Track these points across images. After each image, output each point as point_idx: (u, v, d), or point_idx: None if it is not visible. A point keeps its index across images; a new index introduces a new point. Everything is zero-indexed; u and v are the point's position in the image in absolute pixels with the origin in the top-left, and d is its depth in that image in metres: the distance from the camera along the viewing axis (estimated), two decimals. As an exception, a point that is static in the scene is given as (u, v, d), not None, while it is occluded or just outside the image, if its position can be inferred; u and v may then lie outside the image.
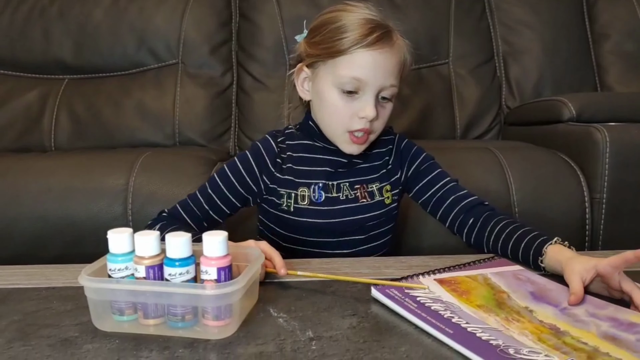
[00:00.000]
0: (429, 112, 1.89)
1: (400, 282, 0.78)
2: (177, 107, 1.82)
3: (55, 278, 0.86)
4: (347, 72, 0.92)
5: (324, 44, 0.95)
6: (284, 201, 0.99)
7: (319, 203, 0.99)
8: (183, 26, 1.88)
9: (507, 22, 2.01)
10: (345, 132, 0.96)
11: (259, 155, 1.01)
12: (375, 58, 0.92)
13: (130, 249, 0.69)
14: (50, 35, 1.87)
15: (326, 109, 0.97)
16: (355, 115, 0.94)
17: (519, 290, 0.78)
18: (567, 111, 1.48)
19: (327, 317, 0.70)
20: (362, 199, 1.01)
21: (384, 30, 0.93)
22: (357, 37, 0.91)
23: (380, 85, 0.93)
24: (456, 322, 0.66)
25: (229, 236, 0.69)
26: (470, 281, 0.81)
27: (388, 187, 1.04)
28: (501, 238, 0.92)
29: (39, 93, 1.85)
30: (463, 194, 1.01)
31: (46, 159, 1.44)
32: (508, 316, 0.70)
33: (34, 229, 1.26)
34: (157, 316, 0.67)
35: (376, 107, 0.94)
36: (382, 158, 1.05)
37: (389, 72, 0.94)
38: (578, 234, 1.32)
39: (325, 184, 1.00)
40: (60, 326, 0.68)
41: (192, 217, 0.98)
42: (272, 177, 1.00)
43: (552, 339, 0.64)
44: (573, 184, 1.34)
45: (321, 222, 0.99)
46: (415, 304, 0.71)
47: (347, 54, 0.92)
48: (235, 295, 0.64)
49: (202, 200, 1.00)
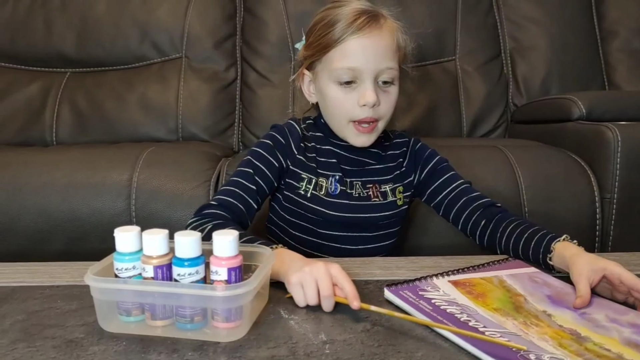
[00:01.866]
0: (435, 109, 1.87)
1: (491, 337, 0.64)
2: (180, 101, 1.79)
3: (60, 276, 0.84)
4: (340, 64, 0.93)
5: (316, 41, 0.96)
6: (303, 185, 0.99)
7: (334, 195, 0.99)
8: (187, 20, 1.86)
9: (514, 19, 1.99)
10: (350, 123, 0.96)
11: (284, 136, 1.01)
12: (364, 43, 0.92)
13: (138, 248, 0.67)
14: (53, 27, 1.85)
15: (329, 105, 0.98)
16: (357, 104, 0.94)
17: (536, 293, 0.76)
18: (576, 109, 1.46)
19: (340, 320, 0.68)
20: (374, 198, 1.01)
21: (370, 15, 0.93)
22: (344, 26, 0.92)
23: (375, 69, 0.93)
24: (473, 326, 0.64)
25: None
26: (486, 283, 0.79)
27: (401, 188, 1.03)
28: (512, 238, 0.91)
29: (40, 86, 1.83)
30: (475, 195, 1.00)
31: (49, 153, 1.42)
32: (526, 320, 0.68)
33: (37, 223, 1.24)
34: (165, 317, 0.65)
35: (376, 92, 0.93)
36: (396, 160, 1.05)
37: (381, 55, 0.93)
38: (588, 234, 1.30)
39: (342, 178, 1.00)
40: (65, 326, 0.67)
41: (245, 204, 0.95)
42: (295, 160, 1.00)
43: (573, 345, 0.62)
44: (583, 184, 1.32)
45: (332, 214, 0.98)
46: (430, 306, 0.70)
47: (337, 46, 0.93)
48: (246, 296, 0.62)
49: (249, 184, 0.96)
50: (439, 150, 1.03)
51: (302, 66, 1.01)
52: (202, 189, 1.28)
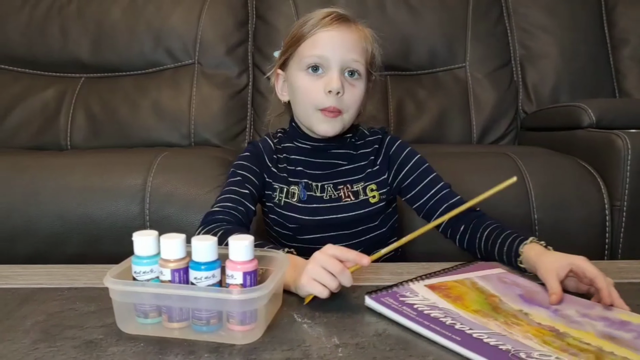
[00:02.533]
0: (445, 116, 1.88)
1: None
2: (192, 107, 1.82)
3: (77, 278, 0.86)
4: (310, 52, 0.99)
5: (289, 40, 1.03)
6: (277, 195, 1.03)
7: (304, 201, 1.02)
8: (200, 26, 1.89)
9: (524, 26, 2.00)
10: (317, 111, 0.99)
11: (258, 150, 1.06)
12: (332, 35, 0.98)
13: (156, 252, 0.68)
14: (68, 33, 1.88)
15: (298, 94, 1.02)
16: (323, 92, 0.97)
17: (508, 293, 0.78)
18: (586, 117, 1.47)
19: (352, 324, 0.69)
20: (345, 199, 1.03)
21: (341, 15, 1.00)
22: (315, 22, 0.99)
23: (341, 59, 0.97)
24: (459, 329, 0.65)
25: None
26: (460, 286, 0.80)
27: (373, 186, 1.04)
28: (489, 243, 0.93)
29: (55, 91, 1.86)
30: (455, 201, 1.01)
31: (64, 157, 1.45)
32: (507, 320, 0.69)
33: (53, 226, 1.26)
34: (181, 320, 0.67)
35: (342, 81, 0.97)
36: (368, 158, 1.06)
37: (348, 48, 0.98)
38: (598, 242, 1.30)
39: (308, 184, 1.03)
40: (84, 328, 0.68)
41: (244, 207, 0.98)
42: (269, 172, 1.05)
43: (556, 341, 0.64)
44: (593, 191, 1.33)
45: (305, 219, 1.01)
46: (413, 311, 0.70)
47: (308, 39, 0.99)
48: (261, 300, 0.64)
49: (242, 190, 1.00)
50: (449, 157, 1.04)
51: (276, 65, 1.07)
52: (214, 193, 1.30)
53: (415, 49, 1.93)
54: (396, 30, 1.92)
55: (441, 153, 1.49)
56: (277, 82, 1.08)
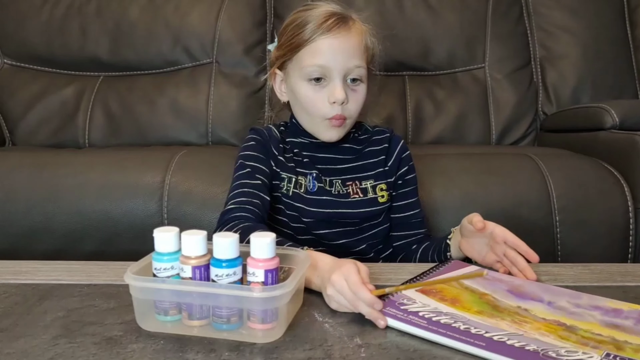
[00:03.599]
0: (464, 116, 1.86)
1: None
2: (210, 106, 1.82)
3: (96, 275, 0.86)
4: (310, 61, 0.97)
5: (287, 42, 1.00)
6: (285, 185, 1.02)
7: (312, 192, 1.01)
8: (218, 25, 1.89)
9: (545, 27, 1.97)
10: (324, 120, 0.99)
11: (264, 137, 1.06)
12: (332, 43, 0.96)
13: (177, 249, 0.68)
14: (87, 32, 1.89)
15: (301, 103, 1.01)
16: (327, 102, 0.97)
17: (497, 290, 0.78)
18: (609, 118, 1.44)
19: (373, 324, 0.68)
20: (354, 195, 1.03)
21: (339, 16, 0.98)
22: (314, 27, 0.97)
23: (343, 67, 0.97)
24: (476, 333, 0.64)
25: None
26: (449, 288, 0.78)
27: (383, 185, 1.05)
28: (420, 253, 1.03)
29: (74, 90, 1.87)
30: (421, 233, 1.08)
31: (83, 155, 1.45)
32: (513, 318, 0.68)
33: (71, 224, 1.26)
34: (202, 317, 0.66)
35: (345, 90, 0.97)
36: (377, 156, 1.07)
37: (349, 54, 0.97)
38: (621, 244, 1.28)
39: (319, 175, 1.03)
40: (104, 324, 0.68)
41: (260, 199, 0.97)
42: (276, 161, 1.03)
43: (571, 335, 0.64)
44: (616, 193, 1.30)
45: (312, 211, 1.01)
46: (422, 320, 0.67)
47: (307, 45, 0.97)
48: (283, 298, 0.63)
49: (254, 181, 0.99)
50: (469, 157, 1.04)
51: (274, 66, 1.06)
52: (232, 192, 1.30)
53: (434, 49, 1.91)
54: (415, 30, 1.90)
55: (461, 154, 1.48)
56: (274, 81, 1.08)
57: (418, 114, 1.86)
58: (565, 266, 0.95)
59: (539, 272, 0.86)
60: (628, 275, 0.88)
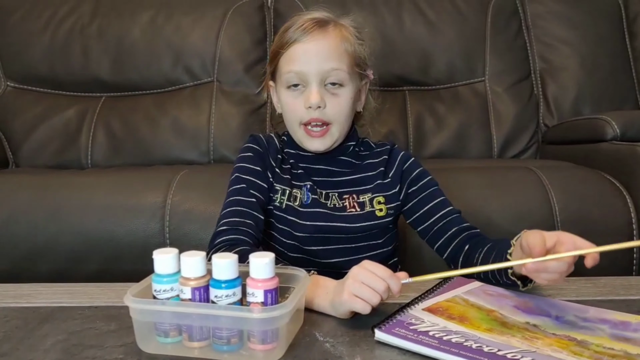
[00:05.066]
0: (465, 130, 1.87)
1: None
2: (212, 124, 1.83)
3: (98, 297, 0.86)
4: (287, 68, 0.96)
5: (272, 51, 1.01)
6: (278, 197, 0.99)
7: (306, 204, 0.98)
8: (218, 44, 1.90)
9: (544, 39, 1.98)
10: (300, 126, 0.98)
11: (261, 145, 1.03)
12: (306, 47, 0.95)
13: (176, 270, 0.68)
14: (89, 53, 1.91)
15: (284, 111, 1.01)
16: (304, 107, 0.96)
17: (504, 306, 0.77)
18: (610, 130, 1.44)
19: (376, 343, 0.68)
20: (350, 209, 0.99)
21: (317, 21, 0.96)
22: (291, 33, 0.96)
23: (319, 71, 0.95)
24: (489, 352, 0.63)
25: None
26: (455, 305, 0.77)
27: (381, 198, 1.00)
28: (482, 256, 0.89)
29: (77, 111, 1.88)
30: (465, 226, 0.97)
31: (85, 175, 1.46)
32: (524, 335, 0.68)
33: (74, 244, 1.27)
34: (202, 339, 0.66)
35: (321, 94, 0.95)
36: (376, 168, 1.02)
37: (325, 57, 0.95)
38: (625, 256, 1.27)
39: (313, 187, 1.00)
40: (104, 347, 0.68)
41: (252, 218, 0.94)
42: (273, 172, 1.01)
43: (584, 351, 0.63)
44: (619, 205, 1.30)
45: (306, 224, 0.97)
46: (433, 340, 0.66)
47: (285, 52, 0.97)
48: (282, 319, 0.63)
49: (248, 198, 0.96)
50: (470, 171, 1.02)
51: (266, 78, 1.05)
52: (234, 210, 1.30)
53: (434, 64, 1.92)
54: (414, 45, 1.92)
55: (462, 168, 1.48)
56: (272, 93, 1.06)
57: (419, 128, 1.87)
58: (568, 280, 0.94)
59: (540, 286, 0.85)
60: (632, 289, 0.88)
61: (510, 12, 1.99)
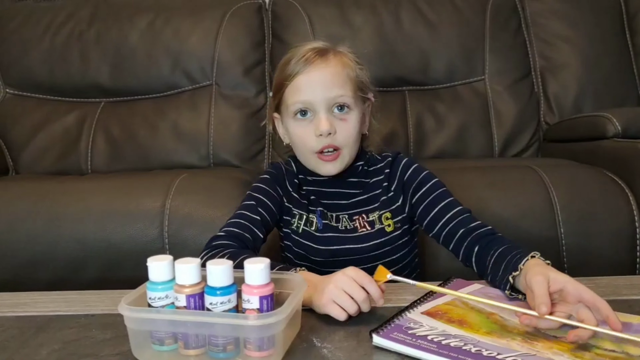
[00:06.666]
0: (465, 129, 1.85)
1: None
2: (211, 128, 1.82)
3: (95, 305, 0.85)
4: (293, 99, 0.97)
5: (275, 83, 1.02)
6: (296, 222, 1.01)
7: (320, 230, 1.00)
8: (217, 48, 1.90)
9: (544, 37, 1.97)
10: (314, 154, 0.98)
11: (280, 172, 1.05)
12: (310, 76, 0.96)
13: (171, 277, 0.67)
14: (88, 59, 1.90)
15: (294, 142, 1.02)
16: (314, 136, 0.96)
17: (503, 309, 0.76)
18: (611, 127, 1.43)
19: (372, 348, 0.67)
20: (361, 229, 1.00)
21: (317, 50, 0.98)
22: (294, 64, 0.97)
23: (325, 99, 0.95)
24: (489, 355, 0.62)
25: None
26: (455, 308, 0.76)
27: (388, 214, 1.01)
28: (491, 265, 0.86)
29: (76, 117, 1.88)
30: (475, 225, 0.94)
31: (84, 181, 1.46)
32: (524, 338, 0.67)
33: (73, 251, 1.26)
34: (198, 346, 0.65)
35: (331, 121, 0.96)
36: (381, 185, 1.03)
37: (329, 85, 0.96)
38: (628, 255, 1.26)
39: (324, 212, 1.01)
40: (100, 356, 0.67)
41: (251, 233, 0.96)
42: (290, 196, 1.03)
43: (585, 353, 0.63)
44: (621, 203, 1.28)
45: (321, 249, 0.99)
46: (432, 344, 0.65)
47: (289, 83, 0.97)
48: (278, 325, 0.62)
49: (253, 215, 0.98)
50: (471, 171, 1.01)
51: (271, 109, 1.06)
52: (233, 214, 1.29)
53: (433, 64, 1.91)
54: (414, 45, 1.90)
55: (464, 168, 1.47)
56: (277, 125, 1.07)
57: (419, 128, 1.86)
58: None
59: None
60: (634, 289, 0.86)
61: (509, 10, 1.98)
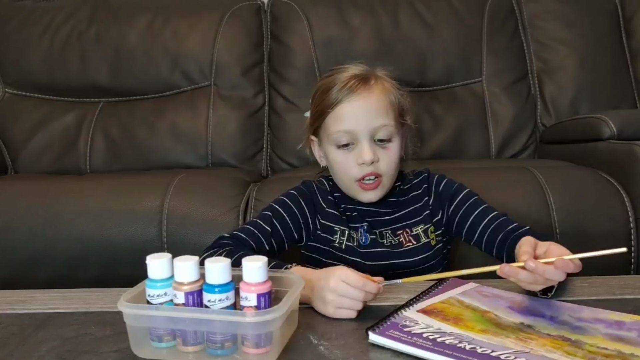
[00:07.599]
0: (462, 130, 1.87)
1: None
2: (210, 128, 1.83)
3: (94, 302, 0.86)
4: (335, 128, 0.96)
5: (315, 109, 1.01)
6: (337, 237, 1.01)
7: (365, 245, 1.00)
8: (215, 48, 1.90)
9: (541, 39, 1.98)
10: (355, 182, 0.98)
11: (311, 190, 1.05)
12: (354, 106, 0.95)
13: (169, 275, 0.68)
14: (87, 59, 1.91)
15: (334, 168, 1.01)
16: (356, 164, 0.96)
17: (499, 307, 0.77)
18: (607, 129, 1.44)
19: (370, 346, 0.68)
20: (407, 244, 1.01)
21: (360, 78, 0.96)
22: (336, 92, 0.96)
23: (369, 128, 0.95)
24: (483, 353, 0.63)
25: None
26: (449, 307, 0.77)
27: (432, 228, 1.02)
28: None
29: (75, 116, 1.89)
30: (513, 227, 0.95)
31: (83, 181, 1.46)
32: (518, 335, 0.68)
33: (72, 250, 1.27)
34: (196, 343, 0.66)
35: (373, 150, 0.95)
36: (422, 199, 1.04)
37: (373, 115, 0.95)
38: (623, 255, 1.27)
39: (370, 227, 1.01)
40: (99, 353, 0.68)
41: (257, 242, 0.96)
42: (325, 214, 1.02)
43: (578, 351, 0.64)
44: (616, 204, 1.30)
45: (368, 264, 0.98)
46: (427, 341, 0.66)
47: (331, 111, 0.96)
48: (276, 322, 0.63)
49: (265, 225, 0.98)
50: (468, 172, 1.02)
51: (309, 132, 1.05)
52: (231, 214, 1.30)
53: (431, 65, 1.92)
54: (411, 46, 1.91)
55: (461, 168, 1.48)
56: (313, 147, 1.06)
57: (417, 129, 1.86)
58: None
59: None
60: (627, 288, 0.87)
61: (506, 12, 1.99)
